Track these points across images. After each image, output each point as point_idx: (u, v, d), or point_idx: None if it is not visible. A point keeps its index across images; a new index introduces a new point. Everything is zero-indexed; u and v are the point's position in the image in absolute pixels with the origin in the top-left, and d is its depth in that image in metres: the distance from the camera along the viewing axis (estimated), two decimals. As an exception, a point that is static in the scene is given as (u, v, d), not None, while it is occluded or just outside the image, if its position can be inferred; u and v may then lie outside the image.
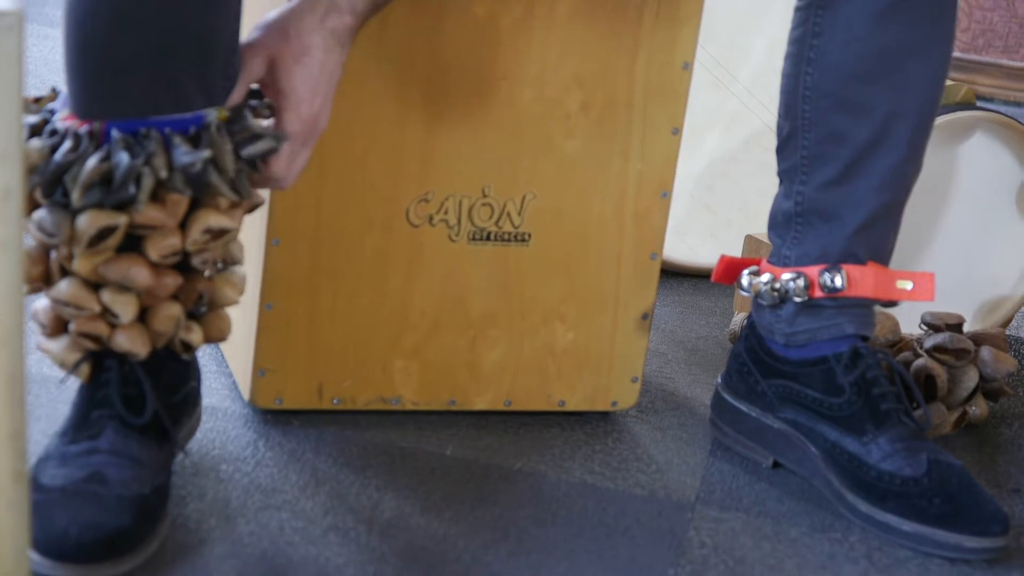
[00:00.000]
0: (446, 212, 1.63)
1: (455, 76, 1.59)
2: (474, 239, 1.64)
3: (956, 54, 3.28)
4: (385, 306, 1.63)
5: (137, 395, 1.43)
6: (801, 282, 1.64)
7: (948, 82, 2.03)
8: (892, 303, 1.68)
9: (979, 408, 1.82)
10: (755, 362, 1.70)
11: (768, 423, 1.69)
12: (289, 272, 1.59)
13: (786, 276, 1.65)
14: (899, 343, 1.84)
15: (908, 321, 1.91)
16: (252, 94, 1.44)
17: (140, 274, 1.38)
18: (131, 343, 1.40)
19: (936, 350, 1.80)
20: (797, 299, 1.65)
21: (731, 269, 1.71)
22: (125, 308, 1.39)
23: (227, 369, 1.72)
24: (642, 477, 1.64)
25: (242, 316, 1.63)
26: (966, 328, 1.92)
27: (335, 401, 1.65)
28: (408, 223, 1.62)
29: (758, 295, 1.67)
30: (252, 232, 1.60)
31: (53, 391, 1.61)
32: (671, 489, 1.62)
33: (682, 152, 1.70)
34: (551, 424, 1.72)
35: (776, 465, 1.69)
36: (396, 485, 1.55)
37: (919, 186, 1.69)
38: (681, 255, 2.20)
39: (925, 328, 1.85)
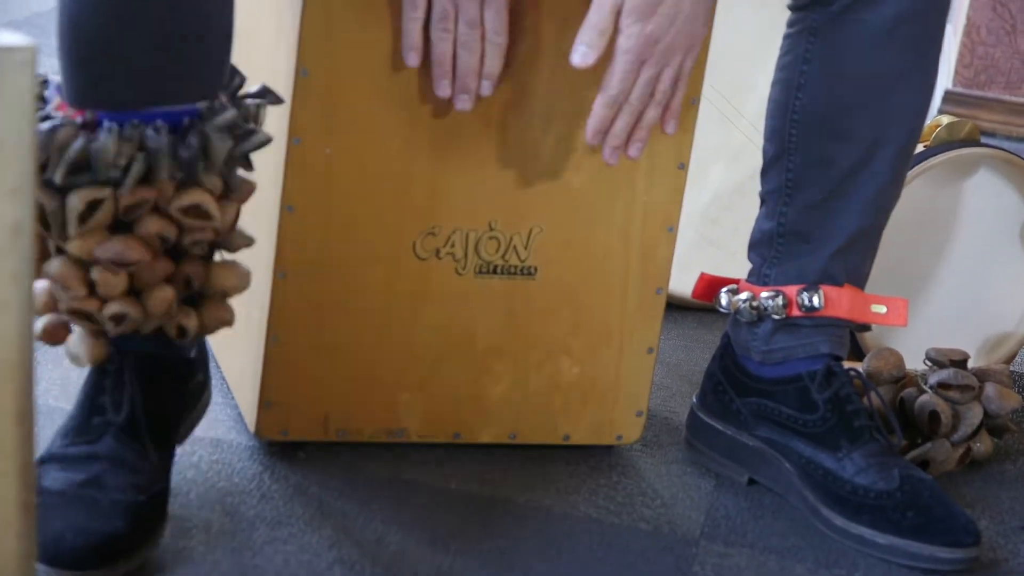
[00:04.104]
0: (453, 245, 1.63)
1: (463, 110, 1.59)
2: (481, 272, 1.64)
3: (959, 89, 3.28)
4: (391, 339, 1.63)
5: (126, 401, 1.46)
6: (779, 300, 1.67)
7: (953, 118, 2.03)
8: (866, 327, 1.70)
9: (983, 444, 1.82)
10: (730, 381, 1.72)
11: (743, 441, 1.71)
12: (296, 305, 1.59)
13: (765, 294, 1.68)
14: (904, 379, 1.84)
15: (913, 357, 1.91)
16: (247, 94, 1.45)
17: (133, 249, 1.38)
18: (124, 307, 1.41)
19: (940, 386, 1.80)
20: (775, 317, 1.68)
21: (711, 287, 1.75)
22: (112, 288, 1.40)
23: (232, 401, 1.72)
24: (647, 512, 1.64)
25: (248, 348, 1.63)
26: (970, 364, 1.91)
27: (340, 433, 1.65)
28: (415, 256, 1.62)
29: (736, 312, 1.71)
30: (259, 265, 1.60)
31: (59, 421, 1.61)
32: (676, 524, 1.62)
33: (687, 186, 1.70)
34: (556, 458, 1.72)
35: (751, 482, 1.71)
36: (401, 518, 1.55)
37: (924, 222, 1.69)
38: (686, 289, 2.20)
39: (929, 364, 1.85)
